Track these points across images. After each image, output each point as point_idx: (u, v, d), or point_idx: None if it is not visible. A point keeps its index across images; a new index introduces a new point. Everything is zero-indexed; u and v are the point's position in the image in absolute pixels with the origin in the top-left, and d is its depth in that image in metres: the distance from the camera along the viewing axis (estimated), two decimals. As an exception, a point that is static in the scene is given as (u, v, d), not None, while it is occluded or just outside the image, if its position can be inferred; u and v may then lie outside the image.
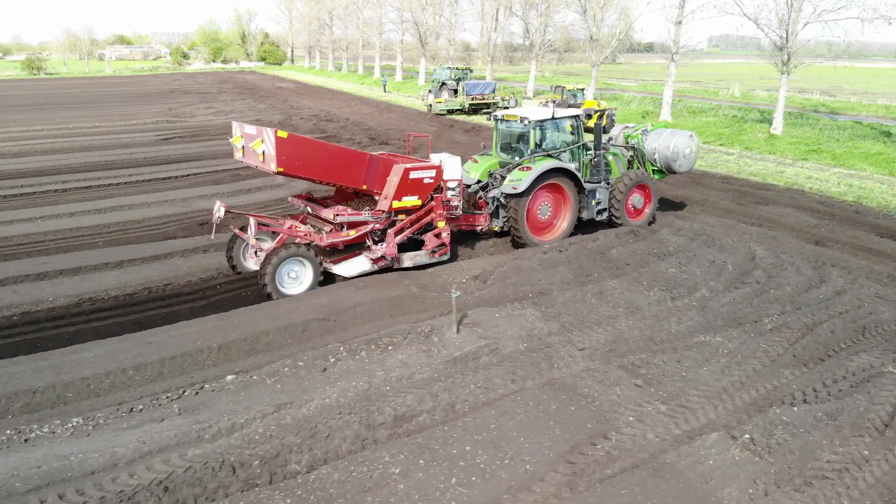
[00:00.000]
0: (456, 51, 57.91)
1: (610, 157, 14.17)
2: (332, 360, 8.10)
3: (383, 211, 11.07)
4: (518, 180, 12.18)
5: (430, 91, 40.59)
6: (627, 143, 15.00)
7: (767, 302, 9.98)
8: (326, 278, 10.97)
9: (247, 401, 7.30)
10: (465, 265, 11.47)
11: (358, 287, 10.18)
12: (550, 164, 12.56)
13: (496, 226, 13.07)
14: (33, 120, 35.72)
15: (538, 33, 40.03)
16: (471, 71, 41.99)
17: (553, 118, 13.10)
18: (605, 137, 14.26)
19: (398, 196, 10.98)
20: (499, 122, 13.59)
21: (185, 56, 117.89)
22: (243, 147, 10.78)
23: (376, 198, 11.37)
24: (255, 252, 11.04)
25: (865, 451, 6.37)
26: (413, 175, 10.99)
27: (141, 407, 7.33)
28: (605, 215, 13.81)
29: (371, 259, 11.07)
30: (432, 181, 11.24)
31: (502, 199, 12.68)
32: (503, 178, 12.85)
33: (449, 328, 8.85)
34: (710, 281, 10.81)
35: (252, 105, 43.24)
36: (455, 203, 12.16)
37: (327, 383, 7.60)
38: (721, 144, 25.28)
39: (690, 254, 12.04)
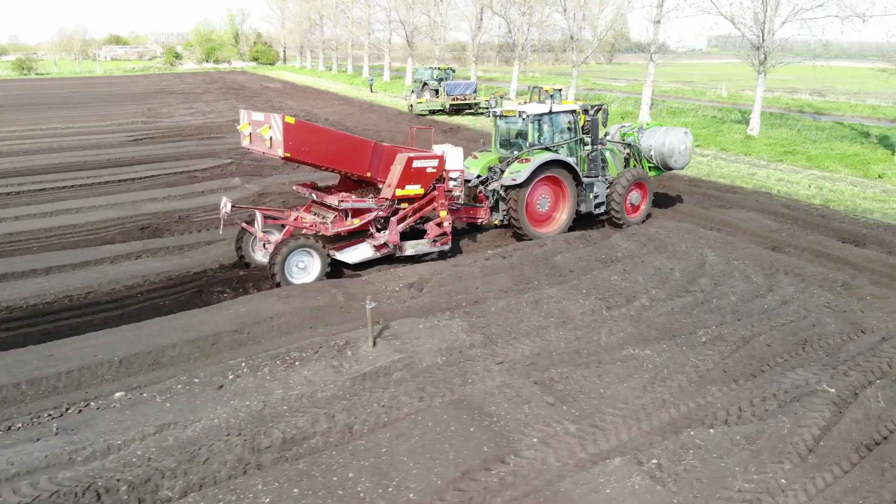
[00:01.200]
0: (451, 50, 57.56)
1: (606, 153, 14.34)
2: (230, 376, 7.64)
3: (386, 199, 11.23)
4: (517, 172, 12.43)
5: (412, 91, 40.14)
6: (624, 140, 15.16)
7: (708, 312, 9.53)
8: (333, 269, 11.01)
9: (130, 420, 6.84)
10: (402, 272, 11.01)
11: (280, 297, 9.72)
12: (548, 156, 12.82)
13: (496, 219, 13.29)
14: (10, 121, 35.26)
15: (520, 32, 39.55)
16: (453, 71, 41.48)
17: (550, 113, 13.26)
18: (601, 132, 14.46)
19: (401, 184, 11.14)
20: (498, 118, 13.79)
21: (178, 56, 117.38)
22: (251, 134, 10.86)
23: (380, 186, 11.49)
24: (264, 245, 11.20)
25: (783, 480, 5.92)
26: (416, 164, 11.16)
27: (20, 425, 6.88)
28: (602, 209, 14.00)
29: (374, 246, 11.31)
30: (435, 171, 11.44)
31: (502, 192, 12.91)
32: (502, 171, 13.08)
33: (366, 341, 8.40)
34: (651, 289, 10.36)
35: (233, 105, 42.76)
36: (457, 193, 12.40)
37: (220, 402, 7.13)
38: (697, 146, 24.75)
39: (638, 260, 11.59)
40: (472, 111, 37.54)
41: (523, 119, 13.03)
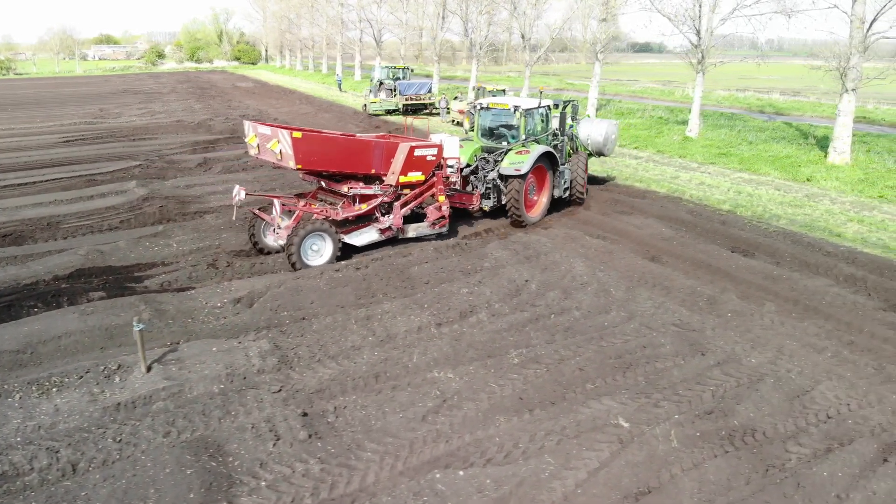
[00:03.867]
0: (416, 50, 56.88)
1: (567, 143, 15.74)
2: (-31, 405, 6.89)
3: (391, 185, 12.03)
4: (520, 163, 13.30)
5: (370, 91, 39.40)
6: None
7: (541, 329, 8.81)
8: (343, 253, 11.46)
9: None
10: (235, 285, 10.25)
11: (84, 313, 8.96)
12: (543, 148, 13.91)
13: (486, 206, 14.01)
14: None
15: (477, 31, 38.78)
16: (411, 70, 40.72)
17: (538, 108, 14.50)
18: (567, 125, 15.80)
19: (404, 171, 11.94)
20: (482, 110, 14.81)
21: (161, 56, 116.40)
22: (258, 146, 11.37)
23: (382, 178, 12.14)
24: (274, 230, 11.77)
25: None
26: (417, 152, 11.99)
27: None
28: (568, 192, 15.27)
29: (379, 230, 12.13)
30: (434, 158, 12.29)
31: (499, 181, 13.80)
32: (496, 161, 13.94)
33: (140, 367, 7.65)
34: (496, 303, 9.63)
35: (189, 105, 42.01)
36: (454, 179, 13.26)
37: (-62, 436, 6.39)
38: (635, 147, 24.08)
39: (500, 271, 10.87)
40: (427, 111, 36.79)
41: (519, 113, 14.09)
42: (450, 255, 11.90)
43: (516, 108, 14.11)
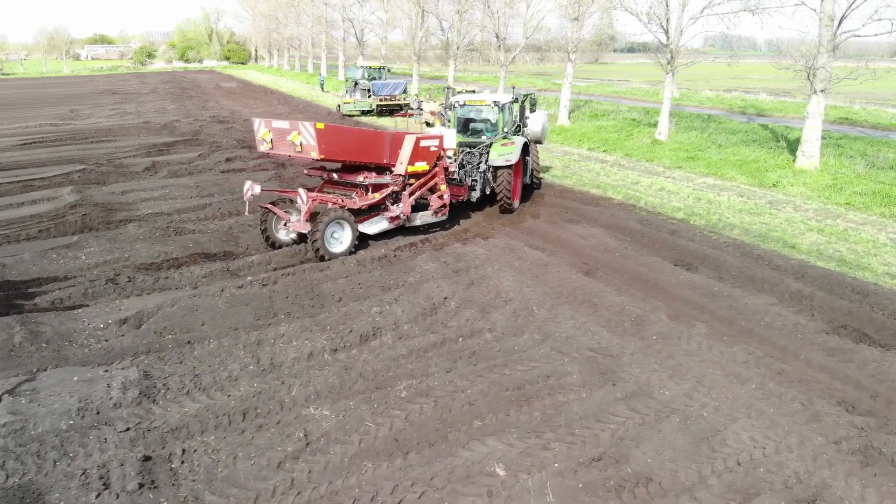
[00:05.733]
0: (396, 49, 56.07)
1: None
2: None
3: (400, 175, 12.60)
4: (509, 154, 14.20)
5: (346, 91, 38.67)
6: None
7: (445, 355, 8.08)
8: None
9: None
10: (125, 304, 9.49)
11: (-53, 336, 8.21)
12: (523, 139, 14.92)
13: (474, 197, 14.61)
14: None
15: (454, 31, 38.01)
16: (387, 70, 39.95)
17: (513, 102, 15.58)
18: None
19: (412, 161, 12.55)
20: (460, 107, 15.50)
21: (150, 55, 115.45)
22: (272, 140, 11.78)
23: (391, 168, 12.70)
24: (285, 223, 12.18)
25: None
26: (423, 143, 12.65)
27: None
28: (529, 178, 16.34)
29: (389, 218, 12.67)
30: (436, 149, 12.97)
31: (489, 173, 14.58)
32: (481, 154, 14.62)
33: (-13, 398, 6.91)
34: (404, 325, 8.90)
35: (163, 106, 41.29)
36: (452, 169, 13.89)
37: None
38: (604, 150, 23.32)
39: (420, 286, 10.14)
40: (402, 112, 36.02)
41: (498, 108, 15.05)
42: (373, 268, 11.17)
43: (496, 103, 15.11)
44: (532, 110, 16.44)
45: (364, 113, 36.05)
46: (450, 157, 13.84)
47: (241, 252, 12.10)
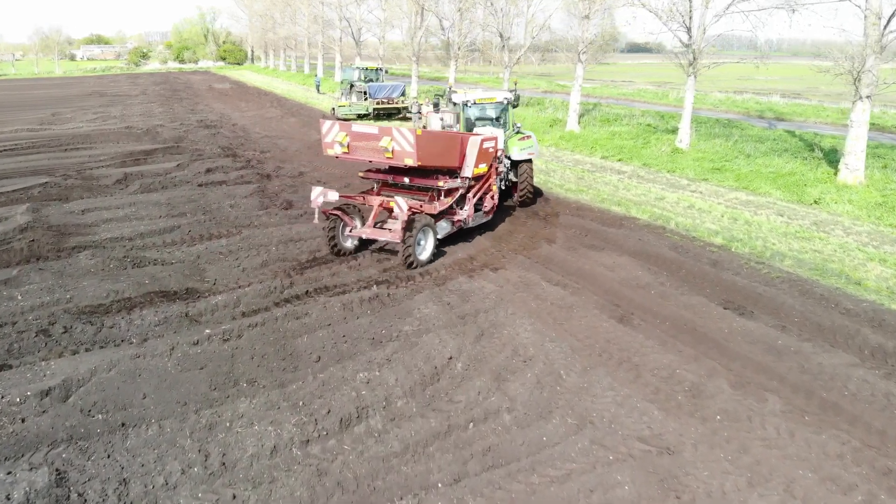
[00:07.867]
0: (395, 49, 54.19)
1: None
2: None
3: (468, 178, 12.35)
4: (529, 147, 14.78)
5: (341, 93, 36.78)
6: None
7: (450, 450, 6.19)
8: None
9: None
10: (54, 367, 7.55)
11: None
12: (531, 133, 15.36)
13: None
14: None
15: (455, 30, 36.13)
16: (384, 71, 38.05)
17: (514, 100, 15.37)
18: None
19: (477, 164, 12.40)
20: (467, 106, 14.92)
21: (145, 56, 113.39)
22: (349, 144, 11.27)
23: (457, 171, 12.28)
24: (350, 230, 11.79)
25: None
26: (485, 145, 12.55)
27: None
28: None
29: (452, 221, 12.33)
30: (493, 150, 12.97)
31: (506, 167, 14.67)
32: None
33: None
34: (398, 399, 7.02)
35: (150, 109, 39.38)
36: (501, 169, 14.05)
37: None
38: (619, 160, 21.42)
39: (417, 339, 8.26)
40: (400, 116, 34.14)
41: (508, 105, 15.22)
42: (362, 312, 9.28)
43: (507, 100, 15.18)
44: (514, 106, 15.91)
45: (360, 116, 34.13)
46: (498, 159, 13.67)
47: (206, 289, 10.20)
